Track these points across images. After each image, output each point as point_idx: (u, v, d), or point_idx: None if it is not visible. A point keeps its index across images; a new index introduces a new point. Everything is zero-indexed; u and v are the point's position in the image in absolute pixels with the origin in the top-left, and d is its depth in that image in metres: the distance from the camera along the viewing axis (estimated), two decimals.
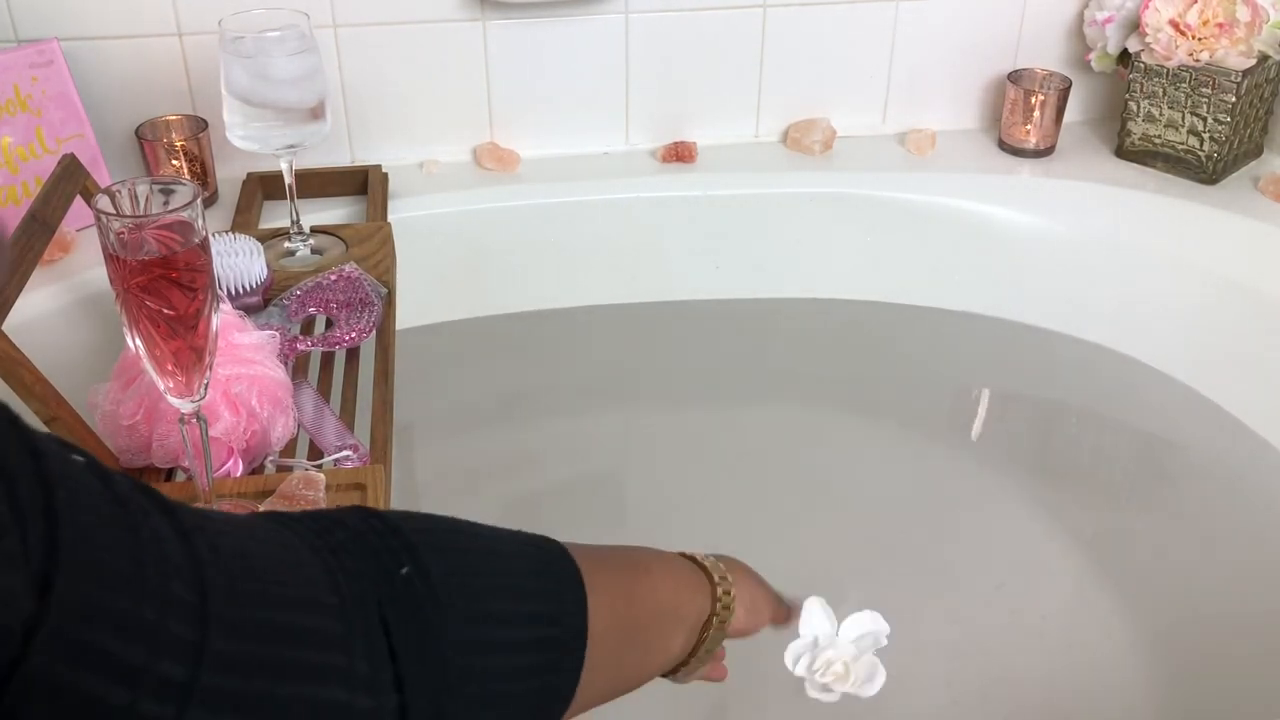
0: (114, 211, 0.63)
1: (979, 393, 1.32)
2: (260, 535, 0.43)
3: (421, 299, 1.27)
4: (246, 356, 0.82)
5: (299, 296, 1.03)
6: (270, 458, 0.84)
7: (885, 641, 0.87)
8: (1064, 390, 1.32)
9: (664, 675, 0.62)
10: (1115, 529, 1.12)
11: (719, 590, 0.62)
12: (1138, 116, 1.34)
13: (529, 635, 0.49)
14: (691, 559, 0.64)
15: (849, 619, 0.88)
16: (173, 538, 0.38)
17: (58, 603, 0.34)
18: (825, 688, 0.86)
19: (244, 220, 1.22)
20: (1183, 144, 1.32)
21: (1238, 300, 1.25)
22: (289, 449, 0.86)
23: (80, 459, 0.38)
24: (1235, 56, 1.26)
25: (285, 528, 0.45)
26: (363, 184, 1.30)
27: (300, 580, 0.42)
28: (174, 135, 1.25)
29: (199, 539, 0.39)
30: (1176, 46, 1.27)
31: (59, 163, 0.91)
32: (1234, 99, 1.27)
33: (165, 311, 0.65)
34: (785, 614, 0.72)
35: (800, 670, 0.87)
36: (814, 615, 0.89)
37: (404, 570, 0.45)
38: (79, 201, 0.90)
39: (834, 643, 0.86)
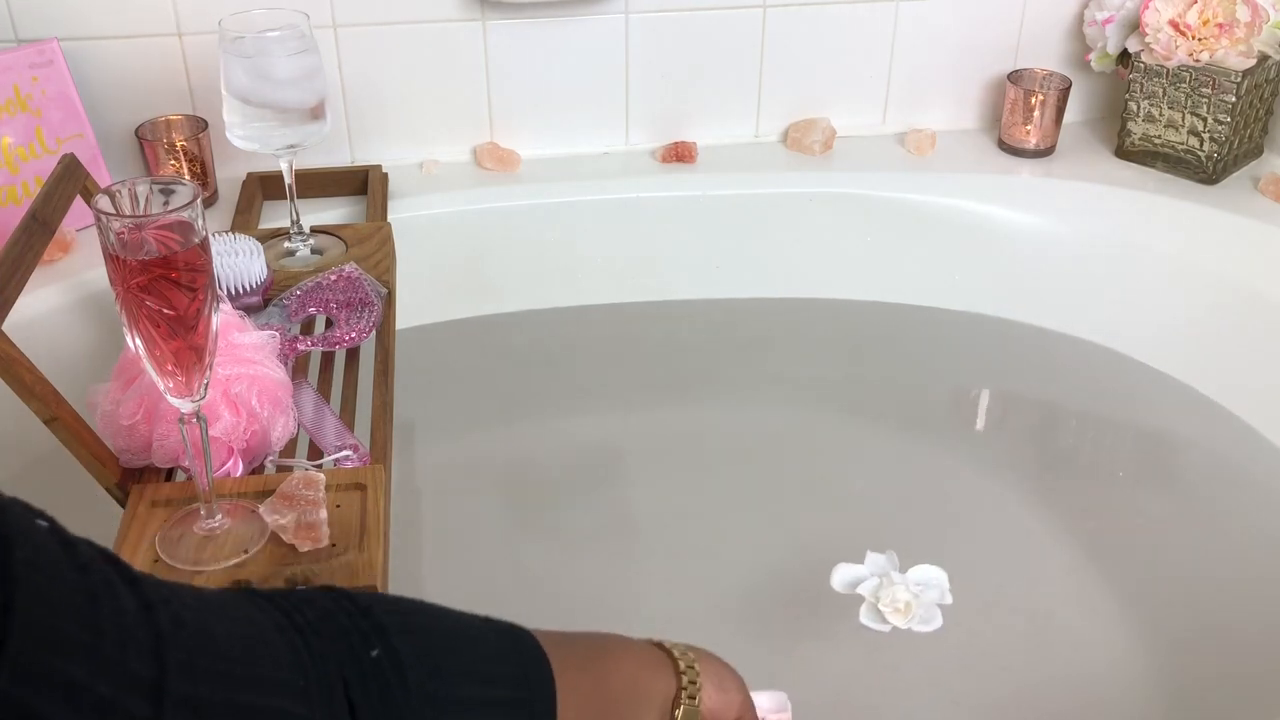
0: (114, 211, 0.63)
1: (979, 393, 1.32)
2: (227, 612, 0.42)
3: (421, 299, 1.27)
4: (246, 356, 0.82)
5: (299, 296, 1.03)
6: (270, 458, 0.84)
7: (950, 600, 0.91)
8: (1064, 390, 1.32)
9: None
10: (1115, 528, 1.12)
11: (681, 665, 0.61)
12: (1138, 116, 1.34)
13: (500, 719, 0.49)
14: (657, 644, 0.63)
15: (916, 567, 0.93)
16: (134, 609, 0.37)
17: (8, 667, 0.33)
18: (881, 617, 0.91)
19: (244, 220, 1.22)
20: (1183, 144, 1.32)
21: (1237, 300, 1.25)
22: (289, 449, 0.86)
23: (44, 523, 0.37)
24: (1235, 56, 1.26)
25: (252, 604, 0.44)
26: (363, 184, 1.30)
27: (265, 660, 0.41)
28: (174, 135, 1.25)
29: (162, 612, 0.38)
30: (1176, 46, 1.27)
31: (59, 163, 0.91)
32: (1234, 99, 1.27)
33: (165, 311, 0.65)
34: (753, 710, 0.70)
35: (864, 590, 0.92)
36: (879, 558, 0.94)
37: (373, 652, 0.45)
38: (79, 201, 0.90)
39: (905, 581, 0.90)
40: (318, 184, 1.28)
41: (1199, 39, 1.26)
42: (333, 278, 1.04)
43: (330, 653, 0.44)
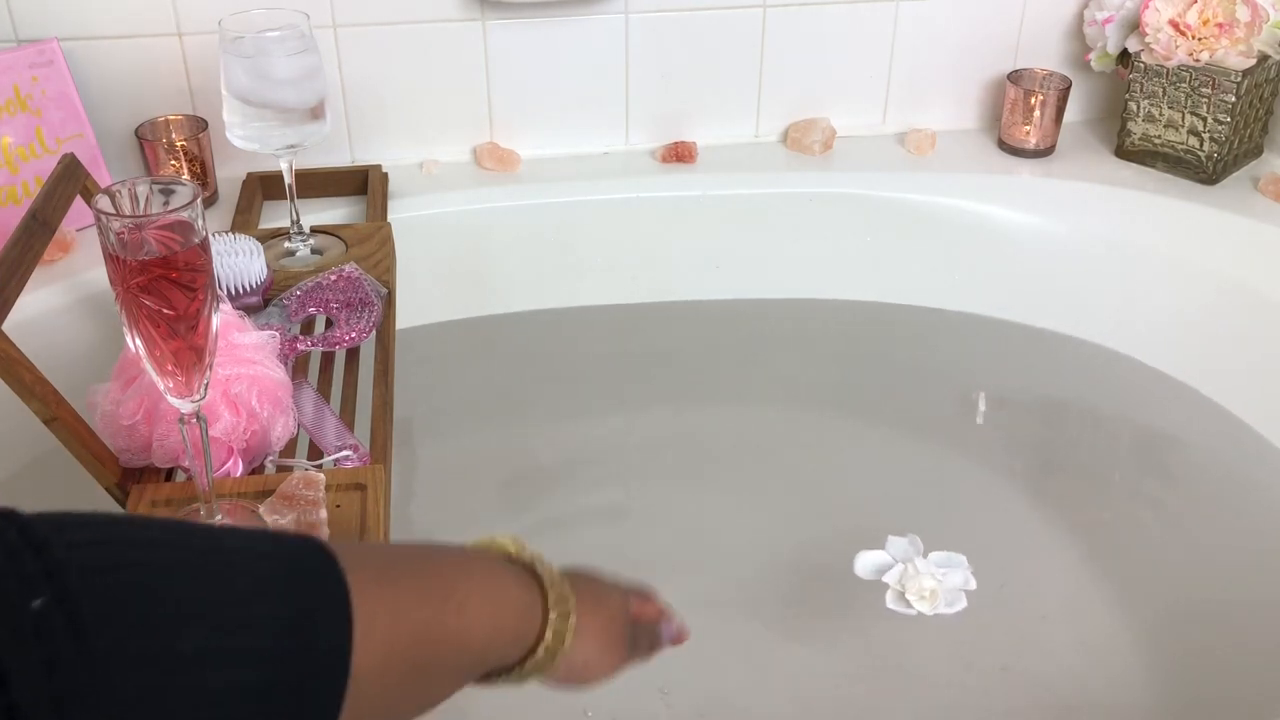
0: (114, 211, 0.63)
1: (979, 393, 1.32)
2: None
3: (421, 299, 1.27)
4: (246, 356, 0.82)
5: (299, 296, 1.03)
6: (270, 458, 0.84)
7: (974, 584, 0.92)
8: (1064, 390, 1.32)
9: None
10: (1115, 528, 1.12)
11: (549, 629, 0.53)
12: (1137, 116, 1.34)
13: (253, 677, 0.37)
14: (531, 569, 0.54)
15: (937, 552, 0.94)
16: None
17: None
18: (907, 603, 0.93)
19: (244, 220, 1.22)
20: (1182, 144, 1.32)
21: (1237, 300, 1.25)
22: (289, 449, 0.86)
23: None
24: (1235, 56, 1.26)
25: None
26: (363, 184, 1.30)
27: None
28: (174, 135, 1.25)
29: None
30: (1176, 46, 1.27)
31: (59, 163, 0.91)
32: (1234, 99, 1.27)
33: (165, 311, 0.65)
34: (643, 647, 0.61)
35: (889, 579, 0.93)
36: (901, 542, 0.95)
37: (35, 603, 0.34)
38: (79, 201, 0.90)
39: (929, 568, 0.92)
40: (318, 184, 1.28)
41: (1199, 39, 1.26)
42: (333, 278, 1.04)
43: None
